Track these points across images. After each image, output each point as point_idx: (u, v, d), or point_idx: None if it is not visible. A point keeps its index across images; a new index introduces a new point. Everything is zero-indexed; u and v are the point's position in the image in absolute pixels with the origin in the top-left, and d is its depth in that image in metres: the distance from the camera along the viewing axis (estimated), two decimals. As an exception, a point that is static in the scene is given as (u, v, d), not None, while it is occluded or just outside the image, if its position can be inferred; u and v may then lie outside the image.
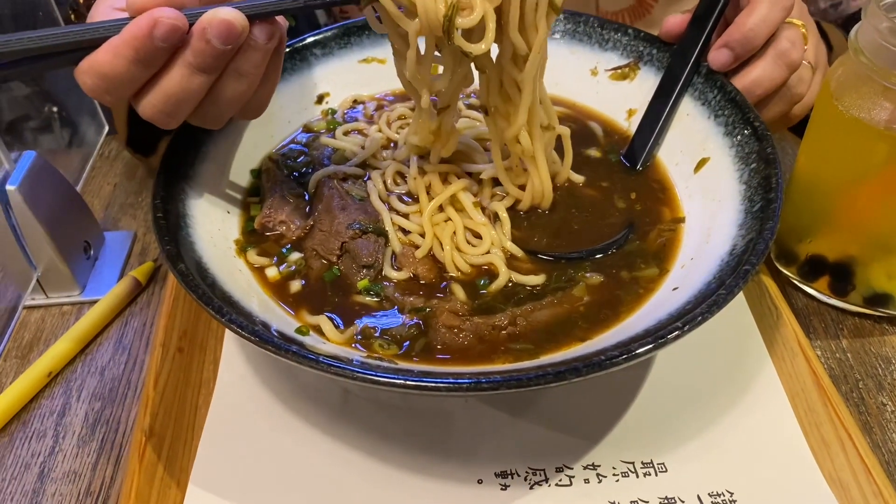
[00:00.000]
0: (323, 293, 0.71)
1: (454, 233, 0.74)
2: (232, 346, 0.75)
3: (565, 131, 0.78)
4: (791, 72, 0.78)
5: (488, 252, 0.73)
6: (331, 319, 0.68)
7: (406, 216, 0.77)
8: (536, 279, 0.71)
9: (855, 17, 1.00)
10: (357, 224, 0.74)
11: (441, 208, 0.76)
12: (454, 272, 0.72)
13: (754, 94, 0.78)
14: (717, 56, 0.78)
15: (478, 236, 0.74)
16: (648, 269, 0.71)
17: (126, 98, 0.63)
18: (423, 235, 0.75)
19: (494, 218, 0.76)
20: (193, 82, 0.61)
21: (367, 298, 0.70)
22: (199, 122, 0.67)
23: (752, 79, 0.78)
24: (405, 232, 0.76)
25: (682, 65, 0.81)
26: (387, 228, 0.75)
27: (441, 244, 0.73)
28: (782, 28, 0.77)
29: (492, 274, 0.71)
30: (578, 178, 0.81)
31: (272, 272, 0.73)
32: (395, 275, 0.72)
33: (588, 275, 0.71)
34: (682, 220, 0.75)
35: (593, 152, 0.85)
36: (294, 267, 0.73)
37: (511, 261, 0.73)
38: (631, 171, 0.81)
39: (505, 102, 0.73)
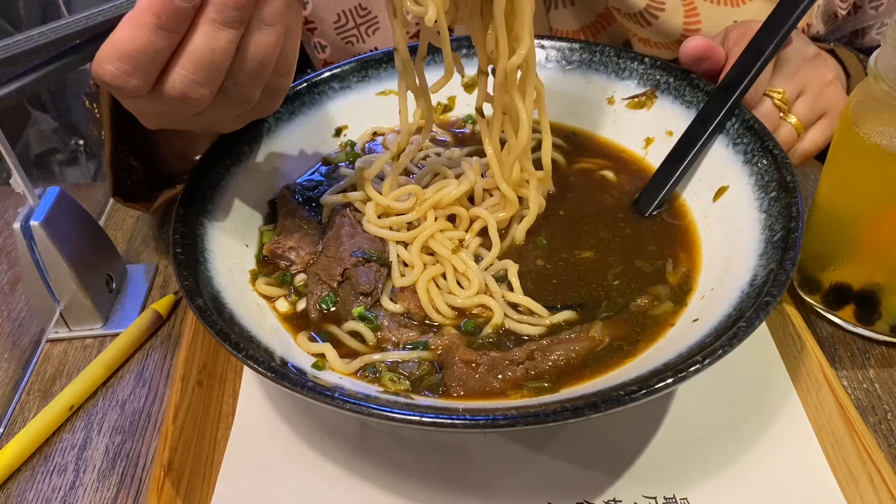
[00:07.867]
0: (322, 319, 0.71)
1: (443, 275, 0.74)
2: (251, 380, 0.75)
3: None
4: None
5: (477, 294, 0.71)
6: (332, 348, 0.68)
7: (406, 245, 0.76)
8: (534, 329, 0.69)
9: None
10: (360, 251, 0.74)
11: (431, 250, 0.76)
12: (433, 315, 0.71)
13: None
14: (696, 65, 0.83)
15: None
16: (665, 304, 0.70)
17: (153, 78, 0.60)
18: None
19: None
20: (220, 40, 0.59)
21: (362, 326, 0.70)
22: (232, 99, 0.64)
23: None
24: (405, 264, 0.75)
25: (701, 131, 0.79)
26: (391, 260, 0.75)
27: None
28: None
29: (486, 317, 0.70)
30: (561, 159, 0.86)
31: (283, 305, 0.73)
32: (390, 306, 0.72)
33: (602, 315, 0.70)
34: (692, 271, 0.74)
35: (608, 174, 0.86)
36: (295, 292, 0.74)
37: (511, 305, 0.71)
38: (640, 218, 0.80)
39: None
